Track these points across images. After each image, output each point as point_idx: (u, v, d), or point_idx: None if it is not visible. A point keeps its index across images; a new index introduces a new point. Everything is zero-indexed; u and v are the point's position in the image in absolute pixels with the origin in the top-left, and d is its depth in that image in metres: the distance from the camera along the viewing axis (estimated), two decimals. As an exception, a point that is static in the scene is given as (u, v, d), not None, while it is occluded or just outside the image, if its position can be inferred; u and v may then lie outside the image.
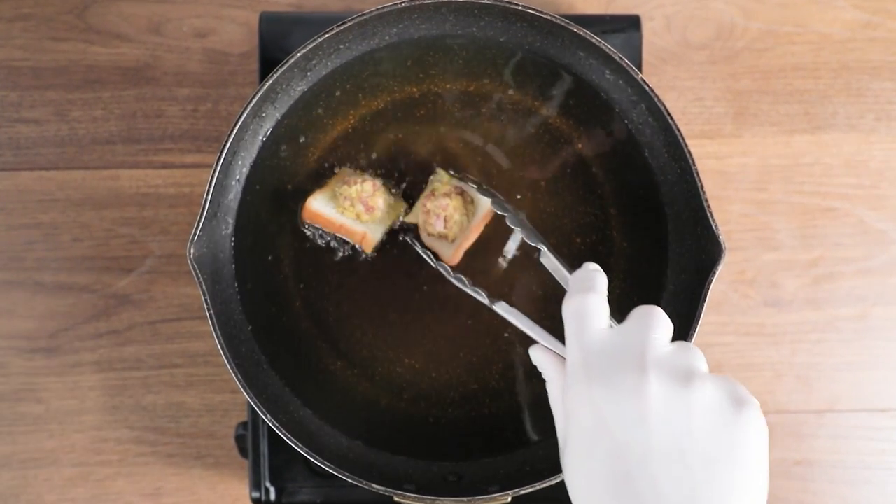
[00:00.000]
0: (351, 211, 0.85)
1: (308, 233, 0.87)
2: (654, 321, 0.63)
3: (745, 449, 0.58)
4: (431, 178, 0.87)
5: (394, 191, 0.88)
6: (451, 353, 0.88)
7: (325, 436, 0.87)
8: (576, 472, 0.61)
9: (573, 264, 0.72)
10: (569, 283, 0.69)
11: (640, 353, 0.61)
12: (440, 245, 0.86)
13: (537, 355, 0.69)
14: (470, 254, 0.86)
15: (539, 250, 0.76)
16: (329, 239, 0.87)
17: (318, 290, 0.88)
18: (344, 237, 0.87)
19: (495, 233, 0.87)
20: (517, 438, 0.88)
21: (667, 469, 0.57)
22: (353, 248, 0.87)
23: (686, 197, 0.84)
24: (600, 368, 0.61)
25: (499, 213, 0.80)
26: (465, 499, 0.81)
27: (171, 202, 0.97)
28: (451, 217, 0.84)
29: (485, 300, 0.77)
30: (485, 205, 0.86)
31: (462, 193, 0.85)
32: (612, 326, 0.66)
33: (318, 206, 0.85)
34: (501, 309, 0.76)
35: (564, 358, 0.66)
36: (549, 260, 0.75)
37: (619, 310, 0.87)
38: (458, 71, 0.88)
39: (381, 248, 0.87)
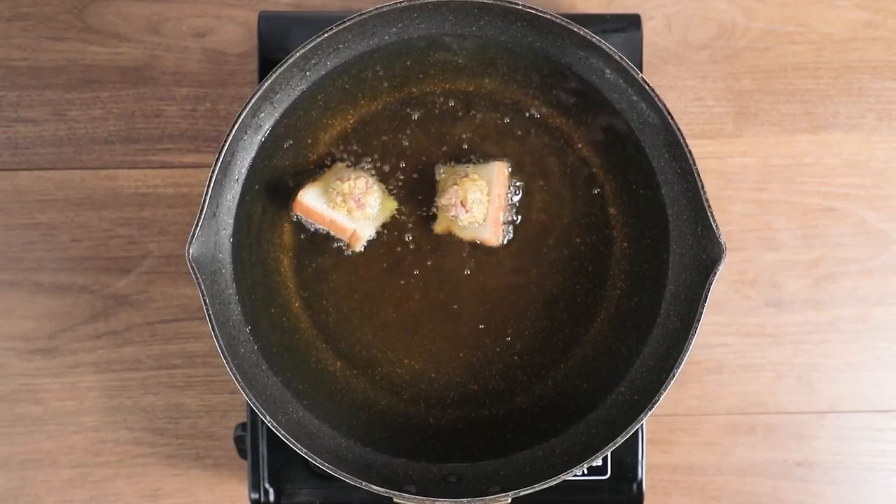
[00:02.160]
0: (342, 206, 0.85)
1: (294, 217, 0.87)
2: None
3: None
4: (437, 181, 0.87)
5: (389, 188, 0.87)
6: (451, 354, 0.88)
7: (324, 437, 0.86)
8: None
9: (572, 265, 0.71)
10: None
11: None
12: (477, 232, 0.86)
13: None
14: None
15: None
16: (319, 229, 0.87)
17: (318, 290, 0.88)
18: (333, 233, 0.87)
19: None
20: (517, 439, 0.87)
21: None
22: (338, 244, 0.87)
23: (686, 197, 0.84)
24: None
25: None
26: (464, 500, 0.81)
27: (169, 202, 0.97)
28: (467, 199, 0.84)
29: None
30: (493, 170, 0.86)
31: (467, 175, 0.85)
32: None
33: (310, 200, 0.85)
34: None
35: None
36: None
37: (620, 309, 0.87)
38: (457, 71, 0.88)
39: (381, 248, 0.87)
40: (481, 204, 0.85)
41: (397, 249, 0.87)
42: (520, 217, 0.87)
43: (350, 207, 0.84)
